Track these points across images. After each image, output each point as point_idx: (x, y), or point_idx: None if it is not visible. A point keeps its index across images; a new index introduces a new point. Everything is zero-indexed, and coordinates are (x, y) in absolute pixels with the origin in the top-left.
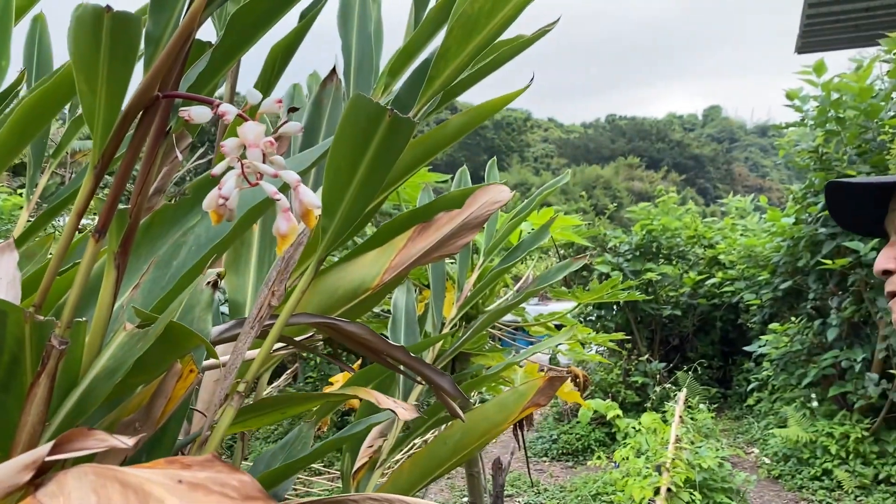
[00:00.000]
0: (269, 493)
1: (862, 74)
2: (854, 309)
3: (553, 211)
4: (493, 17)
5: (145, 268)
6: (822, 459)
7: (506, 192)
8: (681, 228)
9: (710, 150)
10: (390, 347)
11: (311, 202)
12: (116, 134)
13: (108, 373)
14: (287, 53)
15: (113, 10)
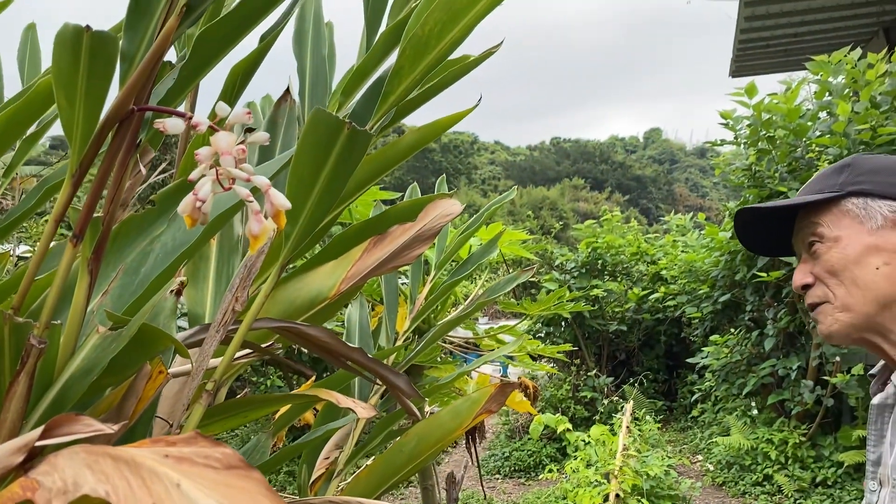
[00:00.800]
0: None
1: (790, 96)
2: (789, 319)
3: (501, 225)
4: (442, 39)
5: (114, 275)
6: (763, 465)
7: (456, 205)
8: (625, 246)
9: (652, 172)
10: (349, 350)
11: (281, 203)
12: (93, 144)
13: (83, 373)
14: (247, 74)
15: (92, 30)
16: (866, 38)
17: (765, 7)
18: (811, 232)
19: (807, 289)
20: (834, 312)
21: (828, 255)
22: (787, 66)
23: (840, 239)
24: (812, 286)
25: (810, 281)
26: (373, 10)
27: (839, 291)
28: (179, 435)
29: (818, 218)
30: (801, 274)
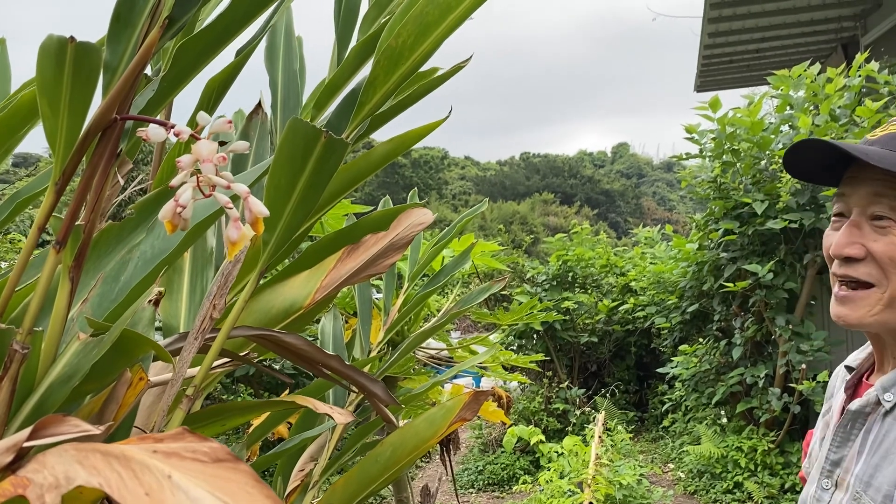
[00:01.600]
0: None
1: (753, 109)
2: (756, 328)
3: (473, 237)
4: (415, 50)
5: (94, 283)
6: (734, 473)
7: (428, 214)
8: (594, 258)
9: (620, 186)
10: (326, 357)
11: (259, 211)
12: (77, 153)
13: (64, 379)
14: (223, 88)
15: (76, 41)
16: (826, 53)
17: (728, 24)
18: (889, 205)
19: (850, 261)
20: (877, 303)
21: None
22: (750, 80)
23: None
24: (860, 261)
25: (860, 255)
26: (343, 25)
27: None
28: (166, 432)
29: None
30: (850, 242)
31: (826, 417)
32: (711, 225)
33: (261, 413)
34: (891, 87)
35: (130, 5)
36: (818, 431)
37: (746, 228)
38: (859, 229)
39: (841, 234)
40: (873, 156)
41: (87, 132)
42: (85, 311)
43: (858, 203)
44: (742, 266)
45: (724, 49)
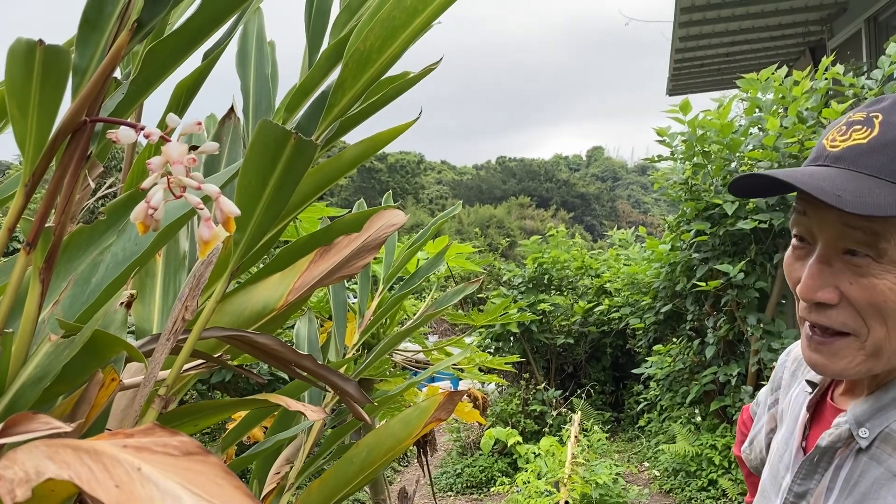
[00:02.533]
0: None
1: (722, 112)
2: (728, 328)
3: (448, 238)
4: (382, 53)
5: (64, 285)
6: (708, 471)
7: (400, 215)
8: (570, 260)
9: (596, 189)
10: (299, 357)
11: (230, 210)
12: (46, 155)
13: (35, 380)
14: (192, 91)
15: (45, 44)
16: (794, 57)
17: (698, 28)
18: (864, 240)
19: (822, 306)
20: (858, 354)
21: (883, 283)
22: (720, 84)
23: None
24: (834, 307)
25: (834, 301)
26: (314, 29)
27: (877, 332)
28: (138, 428)
29: (884, 227)
30: (822, 286)
31: (774, 410)
32: (683, 226)
33: (233, 412)
34: (856, 90)
35: (99, 9)
36: (762, 421)
37: (717, 229)
38: (830, 267)
39: (808, 273)
40: (847, 199)
41: (57, 134)
42: (56, 312)
43: (825, 233)
44: (714, 266)
45: (696, 53)
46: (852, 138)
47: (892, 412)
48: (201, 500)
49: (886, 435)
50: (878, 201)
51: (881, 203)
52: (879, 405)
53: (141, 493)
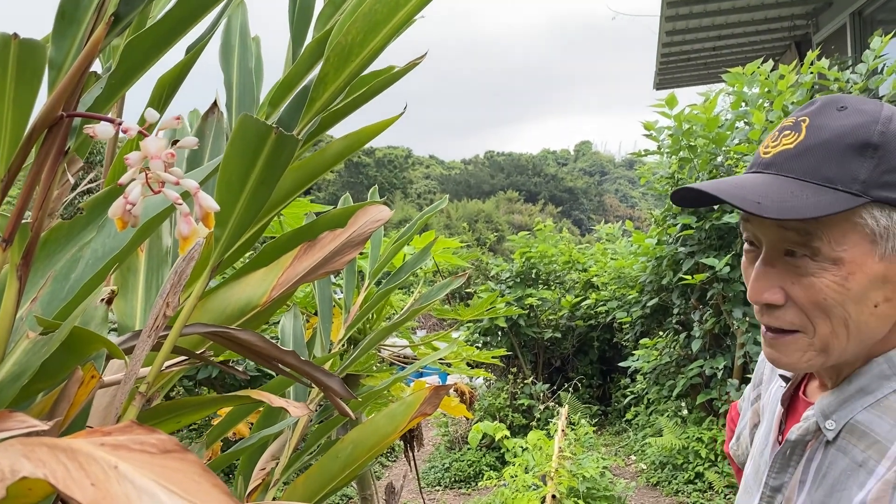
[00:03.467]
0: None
1: (709, 106)
2: (714, 321)
3: (434, 233)
4: (364, 47)
5: (43, 282)
6: (695, 464)
7: (386, 210)
8: (557, 255)
9: (583, 183)
10: (282, 353)
11: (209, 206)
12: (22, 151)
13: (13, 378)
14: (174, 85)
15: (20, 38)
16: (780, 51)
17: (685, 22)
18: (798, 241)
19: (770, 307)
20: (807, 350)
21: (821, 282)
22: (707, 78)
23: (842, 263)
24: (781, 307)
25: (780, 301)
26: (298, 23)
27: (823, 329)
28: (115, 426)
29: (815, 226)
30: (766, 288)
31: (756, 405)
32: (670, 220)
33: (216, 409)
34: (840, 84)
35: (75, 2)
36: (746, 416)
37: (703, 223)
38: (773, 268)
39: (754, 276)
40: (767, 205)
41: (33, 130)
42: (34, 309)
43: (765, 236)
44: (700, 260)
45: (682, 47)
46: (781, 143)
47: (856, 403)
48: (178, 497)
49: (851, 426)
50: (799, 204)
51: (801, 206)
52: (844, 397)
53: (117, 490)
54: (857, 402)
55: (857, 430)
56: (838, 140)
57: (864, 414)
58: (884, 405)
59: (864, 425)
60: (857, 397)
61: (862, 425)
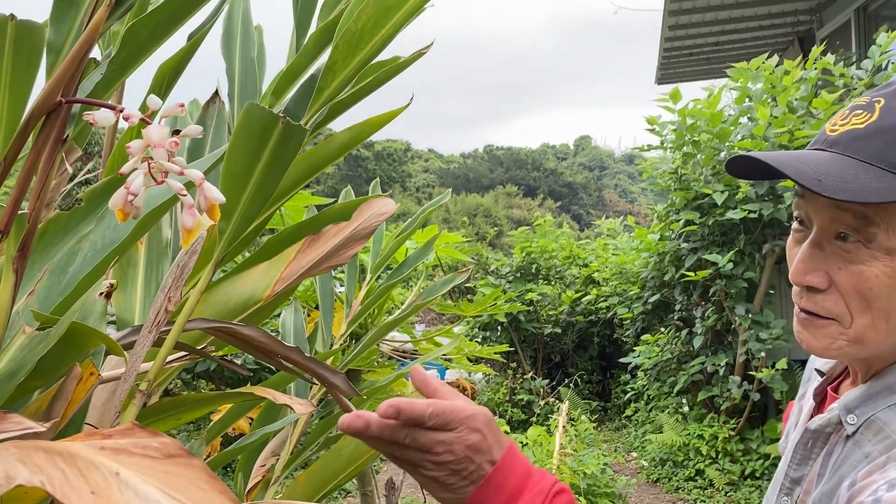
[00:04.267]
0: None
1: (712, 101)
2: (716, 318)
3: (437, 228)
4: (375, 34)
5: (40, 275)
6: (695, 461)
7: (390, 203)
8: (557, 250)
9: (583, 178)
10: (286, 349)
11: (215, 197)
12: (19, 137)
13: (9, 375)
14: (175, 73)
15: (17, 19)
16: (783, 47)
17: (687, 16)
18: (854, 225)
19: (811, 289)
20: (839, 338)
21: (870, 271)
22: (709, 73)
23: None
24: (822, 292)
25: (822, 286)
26: (302, 11)
27: (861, 320)
28: (115, 427)
29: (874, 212)
30: (811, 270)
31: (801, 403)
32: (672, 216)
33: (218, 405)
34: (846, 80)
35: None
36: (793, 416)
37: (707, 219)
38: (821, 251)
39: (800, 257)
40: (827, 183)
41: (30, 116)
42: (31, 304)
43: (818, 216)
44: (702, 256)
45: (684, 42)
46: (851, 122)
47: (881, 400)
48: None
49: (871, 422)
50: (860, 187)
51: (863, 189)
52: (870, 393)
53: (118, 499)
54: (883, 400)
55: (874, 426)
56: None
57: (887, 412)
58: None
59: (882, 422)
60: (884, 395)
61: (881, 422)
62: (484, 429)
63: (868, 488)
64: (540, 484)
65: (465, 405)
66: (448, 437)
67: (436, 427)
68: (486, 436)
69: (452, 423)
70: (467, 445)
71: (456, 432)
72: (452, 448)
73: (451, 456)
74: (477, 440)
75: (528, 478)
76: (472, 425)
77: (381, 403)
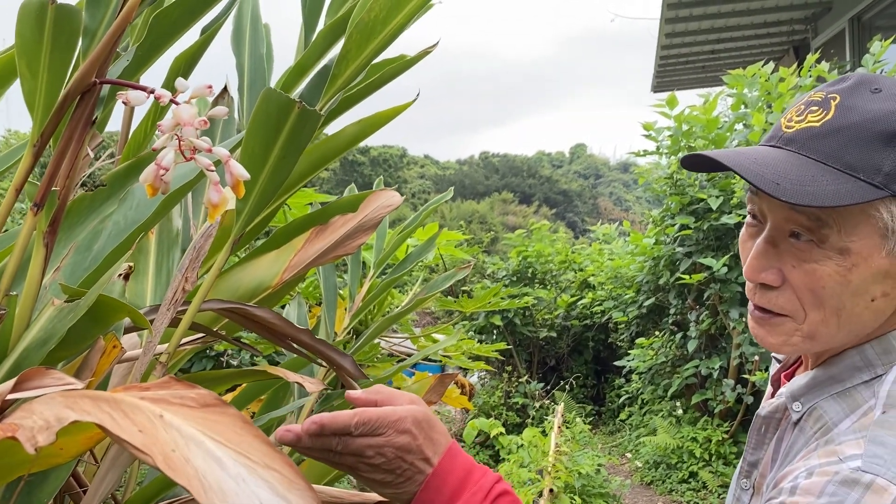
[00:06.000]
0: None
1: (708, 107)
2: (710, 321)
3: (437, 226)
4: (387, 24)
5: (66, 252)
6: (689, 463)
7: (397, 196)
8: (553, 254)
9: (578, 186)
10: (296, 330)
11: (240, 174)
12: (56, 115)
13: (39, 343)
14: (190, 64)
15: (57, 2)
16: (778, 55)
17: (684, 24)
18: (807, 225)
19: (765, 287)
20: (794, 335)
21: (822, 269)
22: (705, 81)
23: (849, 254)
24: (776, 289)
25: (776, 283)
26: (310, 10)
27: (814, 316)
28: (154, 381)
29: (827, 214)
30: (764, 268)
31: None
32: (668, 220)
33: (232, 383)
34: None
35: None
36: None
37: (702, 223)
38: (775, 248)
39: (754, 254)
40: (785, 186)
41: (67, 94)
42: (58, 278)
43: (773, 214)
44: (697, 260)
45: (681, 50)
46: (807, 120)
47: (824, 389)
48: (223, 446)
49: (813, 409)
50: (818, 190)
51: (821, 192)
52: (815, 382)
53: (165, 437)
54: (826, 389)
55: (815, 413)
56: (867, 126)
57: (828, 400)
58: (848, 395)
59: (822, 410)
60: (827, 384)
61: (821, 409)
62: (413, 429)
63: (790, 475)
64: (480, 482)
65: (394, 410)
66: (377, 442)
67: (364, 434)
68: (417, 436)
69: (380, 429)
70: (397, 447)
71: (384, 436)
72: (382, 451)
73: (382, 458)
74: (405, 441)
75: (468, 476)
76: (399, 428)
77: (305, 420)
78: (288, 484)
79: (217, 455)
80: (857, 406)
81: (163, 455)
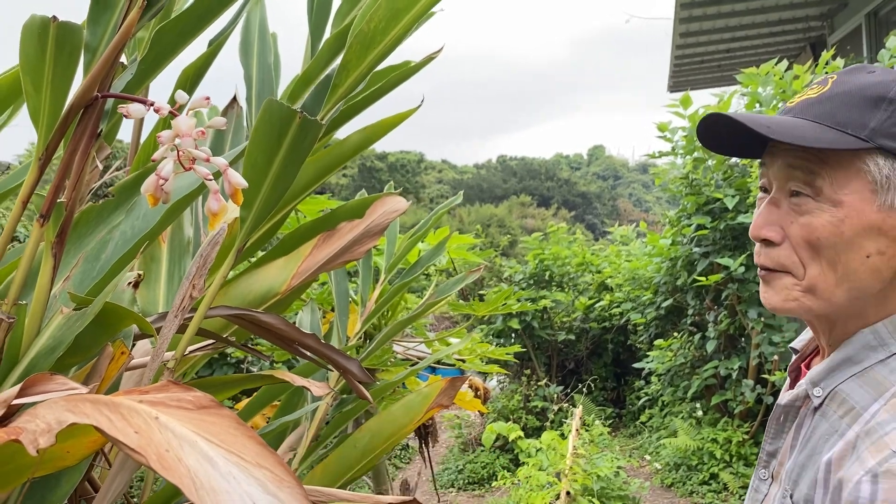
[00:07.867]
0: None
1: (722, 106)
2: (729, 322)
3: (448, 229)
4: (386, 34)
5: (74, 262)
6: (710, 465)
7: (402, 202)
8: (570, 257)
9: (597, 188)
10: (303, 335)
11: (238, 182)
12: (59, 129)
13: (48, 351)
14: (197, 76)
15: (58, 20)
16: (795, 53)
17: (698, 24)
18: (803, 179)
19: (768, 244)
20: (794, 289)
21: (817, 221)
22: (720, 81)
23: (841, 205)
24: (777, 245)
25: (777, 239)
26: (316, 20)
27: (812, 269)
28: (152, 385)
29: (820, 167)
30: (766, 224)
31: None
32: (684, 220)
33: (240, 388)
34: None
35: None
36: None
37: (718, 223)
38: (778, 208)
39: (758, 214)
40: (775, 129)
41: (70, 109)
42: (67, 288)
43: (776, 177)
44: (714, 260)
45: (696, 49)
46: (806, 94)
47: (843, 372)
48: (217, 447)
49: (835, 394)
50: (803, 133)
51: (805, 135)
52: (832, 366)
53: (159, 438)
54: (844, 372)
55: (838, 397)
56: (858, 92)
57: (849, 383)
58: (867, 376)
59: (845, 393)
60: (844, 367)
61: (844, 393)
62: None
63: (850, 481)
64: None
65: None
66: None
67: None
68: None
69: None
70: None
71: None
72: None
73: None
74: None
75: None
76: None
77: None
78: (279, 482)
79: (210, 455)
80: (884, 388)
81: (157, 455)
